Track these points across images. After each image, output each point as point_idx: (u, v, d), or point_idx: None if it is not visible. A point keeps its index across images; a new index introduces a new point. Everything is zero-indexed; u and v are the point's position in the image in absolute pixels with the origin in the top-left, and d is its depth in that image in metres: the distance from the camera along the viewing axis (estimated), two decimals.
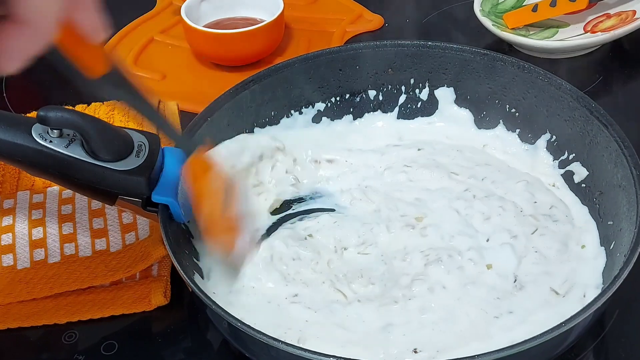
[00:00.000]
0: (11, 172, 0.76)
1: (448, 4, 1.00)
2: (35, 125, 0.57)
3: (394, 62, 0.75)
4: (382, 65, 0.75)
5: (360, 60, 0.75)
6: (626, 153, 0.61)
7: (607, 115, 0.64)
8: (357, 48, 0.75)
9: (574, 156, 0.69)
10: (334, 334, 0.58)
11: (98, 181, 0.58)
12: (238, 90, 0.71)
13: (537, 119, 0.71)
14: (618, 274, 0.53)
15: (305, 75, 0.74)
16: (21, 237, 0.69)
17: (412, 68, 0.75)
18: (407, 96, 0.77)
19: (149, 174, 0.58)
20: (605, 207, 0.64)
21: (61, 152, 0.57)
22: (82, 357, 0.63)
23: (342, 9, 1.02)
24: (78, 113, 0.57)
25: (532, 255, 0.63)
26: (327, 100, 0.76)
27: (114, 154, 0.58)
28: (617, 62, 0.90)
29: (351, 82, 0.76)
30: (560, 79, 0.68)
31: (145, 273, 0.67)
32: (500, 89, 0.73)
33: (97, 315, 0.65)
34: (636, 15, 0.89)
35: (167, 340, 0.64)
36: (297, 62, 0.73)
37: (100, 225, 0.70)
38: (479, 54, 0.72)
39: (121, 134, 0.59)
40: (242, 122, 0.72)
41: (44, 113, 0.55)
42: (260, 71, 0.72)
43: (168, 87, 0.90)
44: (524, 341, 0.50)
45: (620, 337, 0.62)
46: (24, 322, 0.65)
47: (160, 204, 0.59)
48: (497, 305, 0.60)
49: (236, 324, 0.52)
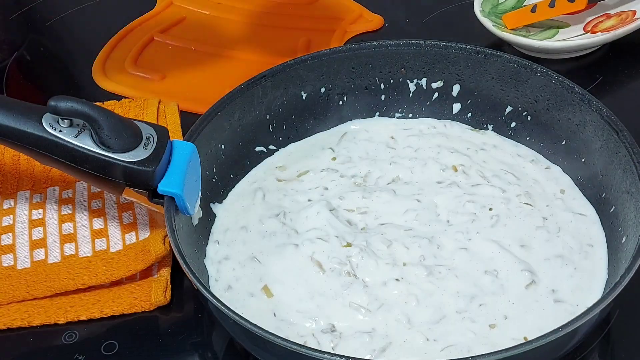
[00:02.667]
0: (11, 172, 0.76)
1: (448, 4, 1.00)
2: (46, 114, 0.58)
3: (407, 61, 0.75)
4: (396, 64, 0.76)
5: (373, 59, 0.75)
6: (635, 160, 0.61)
7: (618, 121, 0.64)
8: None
9: (584, 160, 0.69)
10: None
11: (106, 171, 0.59)
12: (249, 85, 0.71)
13: (549, 122, 0.72)
14: (624, 273, 0.54)
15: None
16: (21, 237, 0.69)
17: (425, 68, 0.75)
18: (419, 95, 0.77)
19: (156, 165, 0.59)
20: (613, 212, 0.64)
21: (70, 141, 0.58)
22: (82, 357, 0.63)
23: (342, 9, 1.01)
24: (88, 104, 0.57)
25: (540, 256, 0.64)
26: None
27: (122, 145, 0.58)
28: (617, 62, 0.90)
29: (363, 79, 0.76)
30: (572, 82, 0.69)
31: (145, 273, 0.67)
32: (513, 91, 0.73)
33: (97, 315, 0.65)
34: (636, 15, 0.89)
35: (168, 340, 0.64)
36: (309, 59, 0.74)
37: (100, 225, 0.70)
38: (493, 56, 0.72)
39: (130, 126, 0.59)
40: (253, 117, 0.72)
41: (55, 103, 0.57)
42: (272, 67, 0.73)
43: (168, 87, 0.90)
44: (527, 342, 0.51)
45: (623, 338, 0.62)
46: (24, 322, 0.65)
47: (166, 196, 0.60)
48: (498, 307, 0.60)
49: (240, 321, 0.52)
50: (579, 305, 0.60)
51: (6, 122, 0.58)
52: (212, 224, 0.68)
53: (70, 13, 1.01)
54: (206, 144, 0.67)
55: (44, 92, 0.94)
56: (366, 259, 0.63)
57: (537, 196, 0.69)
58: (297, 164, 0.74)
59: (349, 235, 0.66)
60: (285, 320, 0.60)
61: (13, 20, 1.05)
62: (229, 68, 0.92)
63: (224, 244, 0.67)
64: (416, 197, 0.69)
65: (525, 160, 0.73)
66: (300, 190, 0.71)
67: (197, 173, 0.63)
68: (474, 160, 0.73)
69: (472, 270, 0.63)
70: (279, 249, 0.66)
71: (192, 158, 0.62)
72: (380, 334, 0.59)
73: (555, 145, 0.72)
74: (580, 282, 0.62)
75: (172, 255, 0.67)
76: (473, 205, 0.68)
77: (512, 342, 0.57)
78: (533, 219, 0.67)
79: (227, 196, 0.71)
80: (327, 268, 0.63)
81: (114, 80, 0.91)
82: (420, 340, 0.58)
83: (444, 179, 0.71)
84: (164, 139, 0.60)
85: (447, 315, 0.60)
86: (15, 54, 0.97)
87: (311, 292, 0.62)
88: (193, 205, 0.62)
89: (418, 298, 0.61)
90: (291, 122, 0.76)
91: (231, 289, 0.63)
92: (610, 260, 0.63)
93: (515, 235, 0.65)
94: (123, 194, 0.61)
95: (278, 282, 0.63)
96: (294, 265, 0.64)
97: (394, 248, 0.64)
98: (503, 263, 0.63)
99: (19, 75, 0.95)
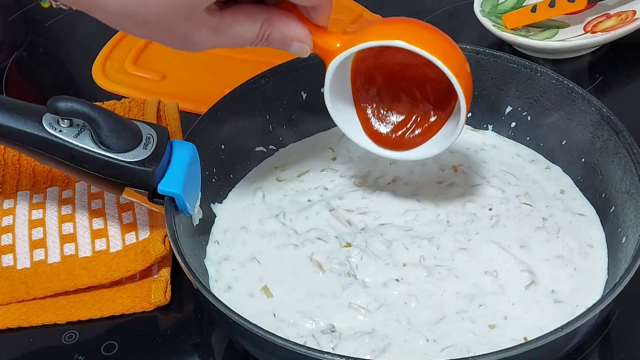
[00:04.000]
0: (11, 172, 0.76)
1: (448, 4, 1.00)
2: (46, 114, 0.58)
3: None
4: None
5: None
6: (635, 160, 0.61)
7: (618, 121, 0.64)
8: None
9: (584, 160, 0.69)
10: None
11: (105, 171, 0.59)
12: (249, 85, 0.71)
13: (549, 122, 0.72)
14: (624, 274, 0.54)
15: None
16: (21, 237, 0.69)
17: None
18: None
19: (156, 165, 0.59)
20: (613, 212, 0.64)
21: (70, 141, 0.58)
22: (82, 357, 0.63)
23: (342, 9, 1.01)
24: (88, 104, 0.57)
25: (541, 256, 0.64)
26: None
27: (122, 145, 0.58)
28: (617, 62, 0.90)
29: None
30: (572, 82, 0.68)
31: (145, 273, 0.67)
32: (513, 91, 0.73)
33: (97, 315, 0.65)
34: (636, 15, 0.89)
35: (167, 340, 0.64)
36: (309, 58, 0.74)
37: (100, 226, 0.70)
38: (493, 56, 0.72)
39: (130, 126, 0.59)
40: (253, 117, 0.72)
41: (55, 103, 0.57)
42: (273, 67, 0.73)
43: (168, 87, 0.90)
44: (527, 342, 0.51)
45: (623, 338, 0.62)
46: (24, 322, 0.65)
47: (166, 196, 0.60)
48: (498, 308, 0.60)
49: (240, 321, 0.52)
50: (579, 306, 0.60)
51: (6, 122, 0.58)
52: (212, 224, 0.68)
53: (70, 13, 1.01)
54: (206, 144, 0.67)
55: (44, 92, 0.94)
56: (366, 259, 0.63)
57: (536, 196, 0.69)
58: (297, 164, 0.74)
59: (348, 235, 0.66)
60: (285, 320, 0.60)
61: (13, 21, 1.05)
62: (229, 68, 0.92)
63: (223, 244, 0.67)
64: (416, 198, 0.69)
65: (525, 160, 0.73)
66: (300, 190, 0.71)
67: (197, 173, 0.63)
68: (473, 160, 0.73)
69: (472, 270, 0.63)
70: (278, 249, 0.66)
71: (192, 158, 0.62)
72: (380, 335, 0.59)
73: (555, 145, 0.72)
74: (580, 283, 0.62)
75: (172, 255, 0.67)
76: (473, 205, 0.68)
77: (512, 342, 0.57)
78: (533, 220, 0.67)
79: (227, 196, 0.71)
80: (326, 268, 0.63)
81: (114, 80, 0.91)
82: (420, 340, 0.58)
83: (444, 179, 0.71)
84: (164, 139, 0.60)
85: (447, 316, 0.60)
86: (15, 54, 0.97)
87: (311, 293, 0.62)
88: (193, 205, 0.62)
89: (418, 298, 0.61)
90: (291, 122, 0.76)
91: (231, 289, 0.63)
92: (610, 261, 0.63)
93: (515, 235, 0.65)
94: (123, 194, 0.61)
95: (278, 282, 0.63)
96: (294, 265, 0.64)
97: (393, 248, 0.64)
98: (503, 263, 0.63)
99: (19, 76, 0.95)
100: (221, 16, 0.54)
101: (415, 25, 0.58)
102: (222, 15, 0.54)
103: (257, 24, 0.56)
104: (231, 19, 0.55)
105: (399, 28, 0.58)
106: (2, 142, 0.59)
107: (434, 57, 0.56)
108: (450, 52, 0.58)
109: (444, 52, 0.57)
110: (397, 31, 0.57)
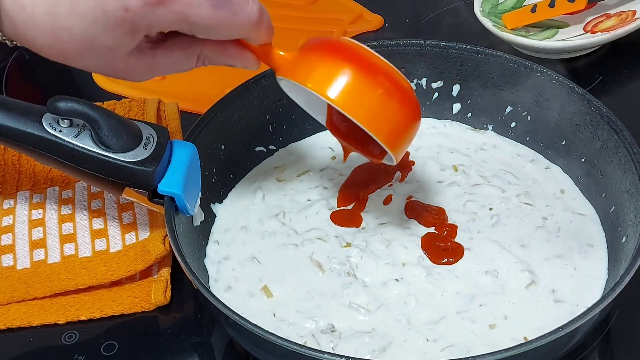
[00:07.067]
0: (11, 172, 0.76)
1: (448, 4, 1.00)
2: (46, 114, 0.58)
3: (407, 61, 0.75)
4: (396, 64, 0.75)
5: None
6: (635, 160, 0.61)
7: (617, 121, 0.64)
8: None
9: (584, 160, 0.69)
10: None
11: (105, 171, 0.58)
12: (249, 85, 0.72)
13: (549, 122, 0.72)
14: (624, 273, 0.54)
15: None
16: (21, 237, 0.69)
17: (424, 68, 0.75)
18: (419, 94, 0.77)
19: (156, 165, 0.59)
20: (613, 212, 0.64)
21: (70, 141, 0.58)
22: (82, 357, 0.63)
23: (342, 9, 1.01)
24: (88, 104, 0.57)
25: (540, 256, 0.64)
26: None
27: (122, 145, 0.58)
28: (617, 62, 0.90)
29: None
30: (572, 82, 0.68)
31: (145, 273, 0.67)
32: (513, 91, 0.73)
33: (97, 315, 0.65)
34: (636, 15, 0.89)
35: (167, 340, 0.64)
36: None
37: (100, 226, 0.70)
38: (493, 56, 0.72)
39: (130, 126, 0.59)
40: (253, 117, 0.73)
41: (55, 103, 0.57)
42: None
43: (168, 87, 0.90)
44: (527, 342, 0.51)
45: (623, 338, 0.62)
46: (24, 322, 0.65)
47: (166, 196, 0.60)
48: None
49: (240, 321, 0.52)
50: (579, 305, 0.60)
51: (6, 122, 0.58)
52: (212, 224, 0.68)
53: None
54: (206, 144, 0.67)
55: (44, 92, 0.94)
56: (366, 259, 0.63)
57: (536, 196, 0.69)
58: (297, 164, 0.74)
59: (348, 235, 0.66)
60: (285, 320, 0.60)
61: None
62: (229, 68, 0.91)
63: (223, 244, 0.67)
64: (416, 197, 0.69)
65: (525, 160, 0.73)
66: (300, 190, 0.71)
67: (197, 173, 0.63)
68: (473, 160, 0.73)
69: (472, 270, 0.63)
70: (278, 249, 0.66)
71: (192, 158, 0.62)
72: (380, 334, 0.59)
73: (555, 145, 0.72)
74: (580, 282, 0.62)
75: (172, 255, 0.67)
76: (473, 204, 0.68)
77: (512, 342, 0.57)
78: (533, 219, 0.67)
79: (227, 196, 0.71)
80: (326, 268, 0.63)
81: (114, 81, 0.91)
82: (420, 340, 0.58)
83: (444, 179, 0.71)
84: (164, 139, 0.60)
85: (447, 316, 0.60)
86: (15, 54, 0.97)
87: (311, 292, 0.62)
88: (193, 205, 0.62)
89: (418, 298, 0.61)
90: (291, 122, 0.76)
91: (231, 289, 0.63)
92: (610, 260, 0.63)
93: (515, 235, 0.65)
94: (123, 194, 0.60)
95: (278, 282, 0.63)
96: (294, 265, 0.64)
97: (393, 248, 0.64)
98: (503, 263, 0.63)
99: (19, 75, 0.95)
100: (153, 55, 0.56)
101: (333, 62, 0.57)
102: (154, 54, 0.56)
103: (192, 58, 0.58)
104: (164, 57, 0.57)
105: (314, 66, 0.58)
106: (2, 142, 0.59)
107: (340, 107, 0.56)
108: (359, 90, 0.55)
109: (351, 96, 0.55)
110: (310, 72, 0.58)
